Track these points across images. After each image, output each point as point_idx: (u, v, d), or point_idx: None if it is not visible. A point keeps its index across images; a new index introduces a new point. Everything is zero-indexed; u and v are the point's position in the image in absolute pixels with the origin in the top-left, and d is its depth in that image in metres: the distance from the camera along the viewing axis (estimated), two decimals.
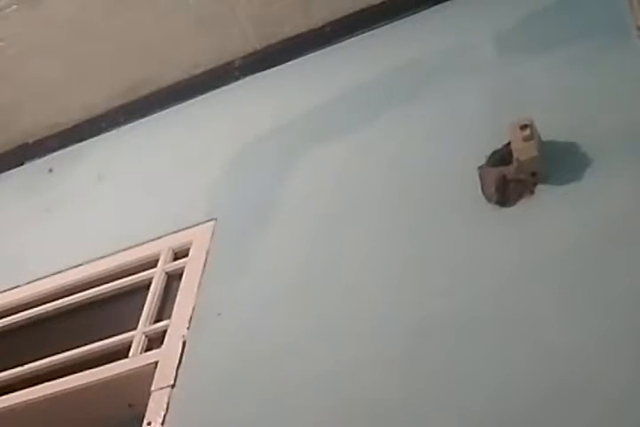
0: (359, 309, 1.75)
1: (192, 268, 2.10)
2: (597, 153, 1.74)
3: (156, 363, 1.90)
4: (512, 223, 1.73)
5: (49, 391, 1.99)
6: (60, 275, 2.32)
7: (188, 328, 1.94)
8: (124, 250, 2.28)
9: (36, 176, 2.86)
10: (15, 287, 2.37)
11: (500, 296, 1.60)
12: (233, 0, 2.65)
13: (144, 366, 1.92)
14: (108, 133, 2.85)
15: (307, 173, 2.20)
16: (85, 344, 2.07)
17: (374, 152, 2.13)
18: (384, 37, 2.53)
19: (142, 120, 2.81)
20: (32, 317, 2.27)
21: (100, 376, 1.95)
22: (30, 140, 2.96)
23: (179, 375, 1.84)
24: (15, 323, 2.29)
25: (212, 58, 2.76)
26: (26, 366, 2.10)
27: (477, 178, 1.84)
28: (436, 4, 2.50)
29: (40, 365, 2.09)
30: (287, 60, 2.66)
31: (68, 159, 2.84)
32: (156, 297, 2.09)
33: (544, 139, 1.80)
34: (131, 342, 2.00)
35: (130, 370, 1.93)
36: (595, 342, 1.44)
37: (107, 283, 2.23)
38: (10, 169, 2.96)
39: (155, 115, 2.80)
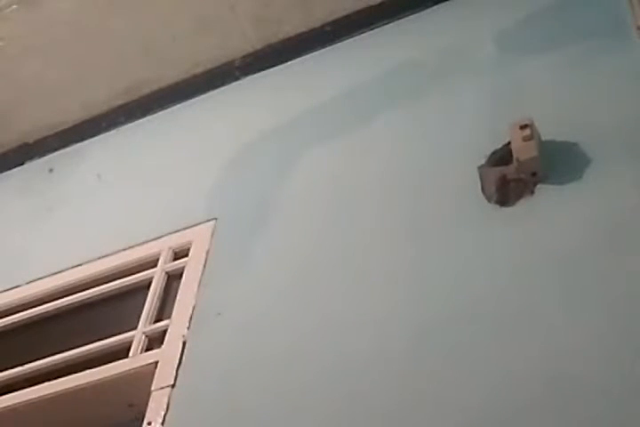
0: (359, 309, 1.75)
1: (192, 268, 2.10)
2: (597, 153, 1.74)
3: (156, 363, 1.90)
4: (512, 223, 1.73)
5: (49, 391, 1.99)
6: (59, 275, 2.32)
7: (188, 328, 1.94)
8: (124, 250, 2.28)
9: (36, 176, 2.86)
10: (15, 287, 2.37)
11: (501, 296, 1.60)
12: (233, 0, 2.65)
13: (144, 366, 1.91)
14: (107, 133, 2.85)
15: (307, 172, 2.20)
16: (85, 344, 2.07)
17: (374, 152, 2.13)
18: (384, 37, 2.53)
19: (142, 120, 2.81)
20: (32, 317, 2.27)
21: (100, 376, 1.95)
22: (30, 141, 2.96)
23: (179, 375, 1.84)
24: (15, 323, 2.29)
25: (211, 58, 2.76)
26: (26, 366, 2.10)
27: (477, 178, 1.84)
28: (435, 3, 2.50)
29: (40, 365, 2.09)
30: (287, 60, 2.66)
31: (68, 159, 2.84)
32: (155, 297, 2.09)
33: (544, 139, 1.80)
34: (131, 342, 2.00)
35: (130, 370, 1.93)
36: (595, 341, 1.44)
37: (107, 283, 2.23)
38: (10, 169, 2.96)
39: (155, 115, 2.80)
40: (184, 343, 1.91)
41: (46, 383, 2.01)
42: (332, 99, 2.39)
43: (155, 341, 2.00)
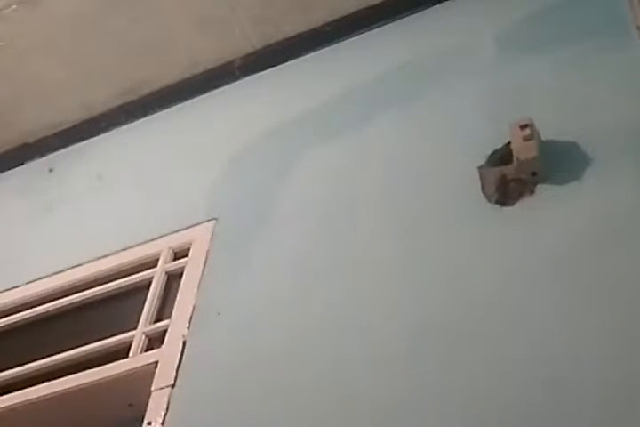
0: (359, 308, 1.75)
1: (192, 268, 2.10)
2: (597, 153, 1.74)
3: (156, 363, 1.90)
4: (512, 223, 1.73)
5: (49, 391, 1.99)
6: (59, 275, 2.32)
7: (188, 328, 1.94)
8: (123, 250, 2.28)
9: (36, 176, 2.86)
10: (15, 287, 2.37)
11: (500, 296, 1.60)
12: (233, 0, 2.65)
13: (144, 365, 1.91)
14: (107, 133, 2.85)
15: (307, 172, 2.20)
16: (85, 344, 2.07)
17: (374, 152, 2.14)
18: (384, 37, 2.53)
19: (142, 120, 2.81)
20: (32, 317, 2.27)
21: (100, 376, 1.95)
22: (30, 140, 2.96)
23: (179, 375, 1.84)
24: (15, 323, 2.29)
25: (211, 58, 2.76)
26: (26, 366, 2.10)
27: (477, 178, 1.84)
28: (435, 3, 2.50)
29: (40, 365, 2.09)
30: (287, 60, 2.67)
31: (68, 159, 2.84)
32: (155, 297, 2.09)
33: (544, 139, 1.80)
34: (131, 342, 2.00)
35: (130, 370, 1.93)
36: (594, 341, 1.44)
37: (107, 283, 2.23)
38: (10, 169, 2.96)
39: (155, 115, 2.80)
40: (184, 343, 1.91)
41: (46, 383, 2.01)
42: (332, 99, 2.39)
43: (155, 341, 2.00)
